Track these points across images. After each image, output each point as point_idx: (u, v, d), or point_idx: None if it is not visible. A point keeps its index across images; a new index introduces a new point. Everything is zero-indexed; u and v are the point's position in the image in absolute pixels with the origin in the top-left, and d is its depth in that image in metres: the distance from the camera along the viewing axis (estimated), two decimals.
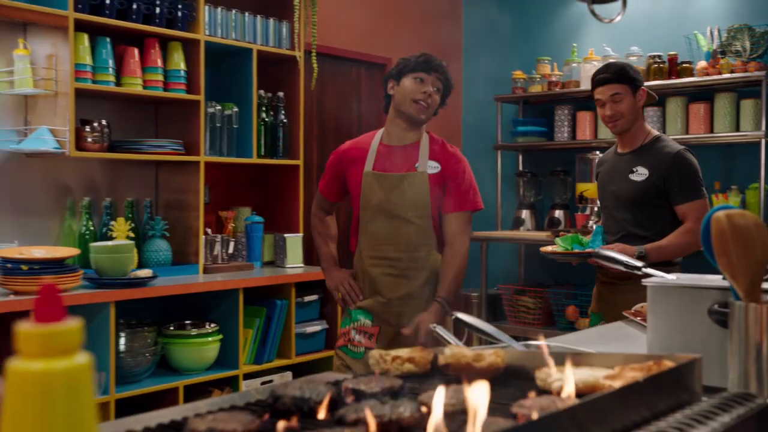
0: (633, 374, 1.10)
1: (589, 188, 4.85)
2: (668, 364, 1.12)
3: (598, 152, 4.90)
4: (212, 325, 3.63)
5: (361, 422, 0.98)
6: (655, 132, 3.09)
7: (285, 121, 4.21)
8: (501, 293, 5.23)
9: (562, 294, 4.99)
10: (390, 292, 2.71)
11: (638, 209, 2.91)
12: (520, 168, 5.52)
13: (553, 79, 5.21)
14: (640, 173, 2.96)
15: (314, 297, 4.09)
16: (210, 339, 3.58)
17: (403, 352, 1.35)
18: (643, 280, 1.64)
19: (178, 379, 3.48)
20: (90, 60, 3.46)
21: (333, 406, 1.11)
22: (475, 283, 5.26)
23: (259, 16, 4.11)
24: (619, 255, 2.18)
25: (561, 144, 5.22)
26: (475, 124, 5.80)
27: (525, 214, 5.34)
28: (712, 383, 1.34)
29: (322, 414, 1.07)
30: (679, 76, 4.70)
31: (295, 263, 4.09)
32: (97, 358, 3.19)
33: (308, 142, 4.68)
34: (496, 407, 1.09)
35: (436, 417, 0.89)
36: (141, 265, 3.62)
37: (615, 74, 2.97)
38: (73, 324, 0.59)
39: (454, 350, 1.28)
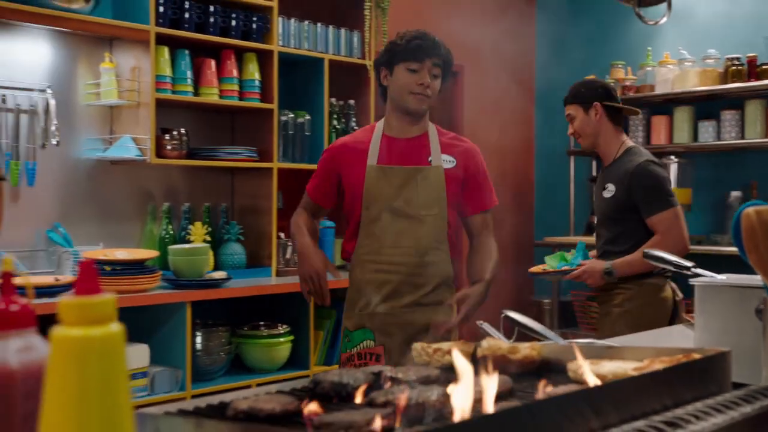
0: (660, 366, 1.12)
1: None
2: (697, 357, 1.14)
3: (672, 157, 4.82)
4: (284, 326, 3.74)
5: (389, 404, 1.04)
6: (629, 144, 3.09)
7: (356, 128, 4.31)
8: (573, 300, 5.19)
9: None
10: (394, 300, 2.40)
11: (613, 225, 2.97)
12: (594, 173, 5.47)
13: (628, 83, 5.15)
14: (610, 189, 3.01)
15: None
16: (282, 339, 3.70)
17: (445, 345, 1.40)
18: (690, 279, 1.65)
19: (251, 377, 3.61)
20: (170, 71, 3.63)
21: (370, 393, 1.17)
22: (546, 290, 5.24)
23: (330, 27, 4.23)
24: (668, 255, 2.17)
25: None
26: (547, 129, 5.79)
27: None
28: (760, 383, 1.34)
29: (358, 399, 1.14)
30: (758, 79, 4.59)
31: None
32: (174, 355, 3.35)
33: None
34: (522, 395, 1.14)
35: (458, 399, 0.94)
36: (216, 268, 3.76)
37: (567, 95, 3.14)
38: (107, 297, 0.67)
39: (491, 342, 1.33)
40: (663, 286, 2.97)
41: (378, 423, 0.93)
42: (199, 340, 3.49)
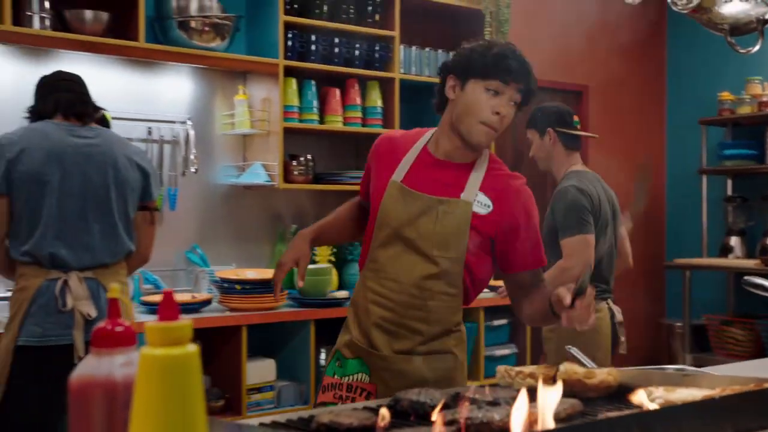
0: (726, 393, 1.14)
1: None
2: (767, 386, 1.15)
3: None
4: None
5: (455, 423, 1.12)
6: (575, 168, 3.17)
7: None
8: (707, 324, 5.01)
9: None
10: (390, 341, 2.00)
11: (548, 249, 2.80)
12: (729, 193, 5.27)
13: (764, 99, 4.95)
14: (547, 213, 3.09)
15: (503, 321, 4.20)
16: None
17: (527, 368, 1.46)
18: None
19: None
20: (297, 101, 3.85)
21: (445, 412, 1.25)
22: (677, 312, 5.10)
23: (451, 53, 4.31)
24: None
25: None
26: (679, 147, 5.63)
27: (734, 240, 5.10)
28: None
29: (435, 417, 1.22)
30: None
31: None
32: (300, 370, 3.53)
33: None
34: (586, 417, 1.19)
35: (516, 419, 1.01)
36: (341, 287, 3.93)
37: (527, 119, 3.27)
38: (185, 322, 0.80)
39: (567, 367, 1.38)
40: (597, 307, 2.99)
41: None
42: (323, 356, 3.65)
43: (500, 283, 3.65)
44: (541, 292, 1.98)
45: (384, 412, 1.16)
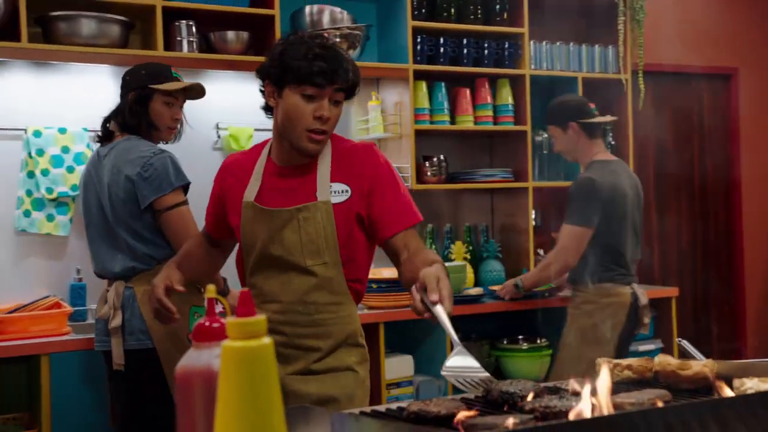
0: None
1: None
2: None
3: None
4: (543, 340, 3.86)
5: (536, 411, 1.17)
6: (597, 158, 3.28)
7: (613, 143, 4.30)
8: None
9: None
10: (282, 366, 1.95)
11: None
12: None
13: None
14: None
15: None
16: (542, 353, 3.82)
17: (624, 361, 1.48)
18: None
19: None
20: (427, 104, 3.95)
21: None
22: None
23: (583, 45, 4.28)
24: None
25: None
26: None
27: None
28: None
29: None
30: None
31: None
32: (437, 366, 3.60)
33: (642, 162, 4.70)
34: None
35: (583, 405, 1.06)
36: (477, 284, 3.99)
37: (546, 116, 3.39)
38: (260, 318, 0.91)
39: (662, 358, 1.39)
40: (616, 290, 3.26)
41: (510, 423, 1.07)
42: None
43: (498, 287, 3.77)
44: (412, 261, 1.85)
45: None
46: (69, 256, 3.43)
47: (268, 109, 2.03)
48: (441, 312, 1.64)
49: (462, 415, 1.17)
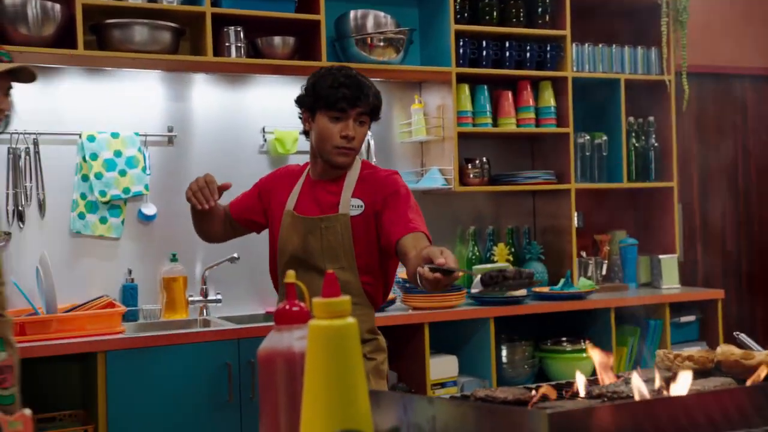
0: None
1: None
2: None
3: None
4: (586, 342, 3.85)
5: (604, 396, 1.20)
6: None
7: (656, 144, 4.30)
8: None
9: None
10: None
11: None
12: None
13: None
14: None
15: (691, 318, 4.09)
16: (584, 355, 3.82)
17: (685, 352, 1.50)
18: None
19: None
20: (470, 106, 3.98)
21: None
22: None
23: (626, 47, 4.28)
24: None
25: None
26: None
27: None
28: None
29: (582, 393, 1.31)
30: None
31: (670, 284, 4.14)
32: (481, 367, 3.64)
33: (686, 164, 4.69)
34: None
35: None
36: None
37: None
38: (344, 298, 0.95)
39: (724, 348, 1.40)
40: None
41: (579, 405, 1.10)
42: (503, 353, 3.74)
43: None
44: (418, 254, 2.00)
45: (546, 389, 1.26)
46: (121, 257, 3.51)
47: (306, 133, 2.42)
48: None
49: (536, 397, 1.20)
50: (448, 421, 1.14)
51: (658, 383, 1.14)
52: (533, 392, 1.28)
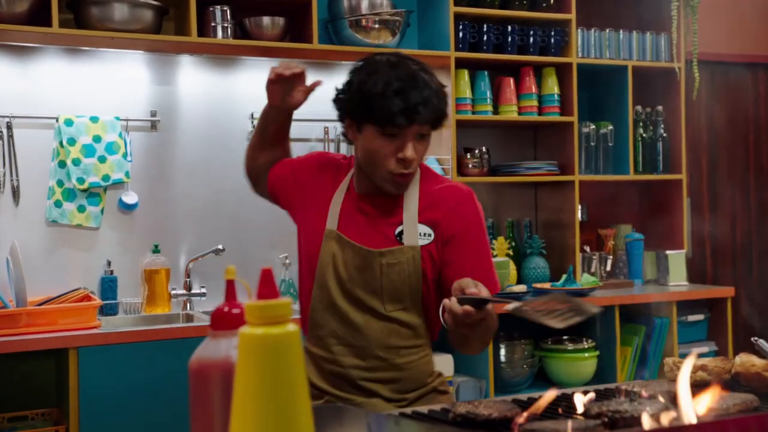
0: None
1: None
2: None
3: None
4: (589, 341, 3.68)
5: (604, 416, 1.02)
6: None
7: (665, 135, 4.11)
8: None
9: None
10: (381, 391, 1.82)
11: None
12: None
13: None
14: None
15: (700, 317, 3.91)
16: (587, 355, 3.64)
17: (699, 361, 1.32)
18: None
19: None
20: (469, 93, 3.79)
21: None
22: None
23: (634, 32, 4.08)
24: None
25: None
26: None
27: None
28: None
29: (579, 410, 1.13)
30: None
31: (677, 281, 3.95)
32: (478, 366, 3.47)
33: (695, 155, 4.50)
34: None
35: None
36: (520, 281, 3.82)
37: None
38: (284, 301, 0.77)
39: (744, 359, 1.22)
40: None
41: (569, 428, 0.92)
42: (502, 352, 3.57)
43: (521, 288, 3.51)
44: None
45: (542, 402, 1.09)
46: (100, 248, 3.35)
47: (346, 137, 1.89)
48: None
49: (521, 417, 1.03)
50: None
51: (665, 402, 0.97)
52: (522, 411, 1.11)
